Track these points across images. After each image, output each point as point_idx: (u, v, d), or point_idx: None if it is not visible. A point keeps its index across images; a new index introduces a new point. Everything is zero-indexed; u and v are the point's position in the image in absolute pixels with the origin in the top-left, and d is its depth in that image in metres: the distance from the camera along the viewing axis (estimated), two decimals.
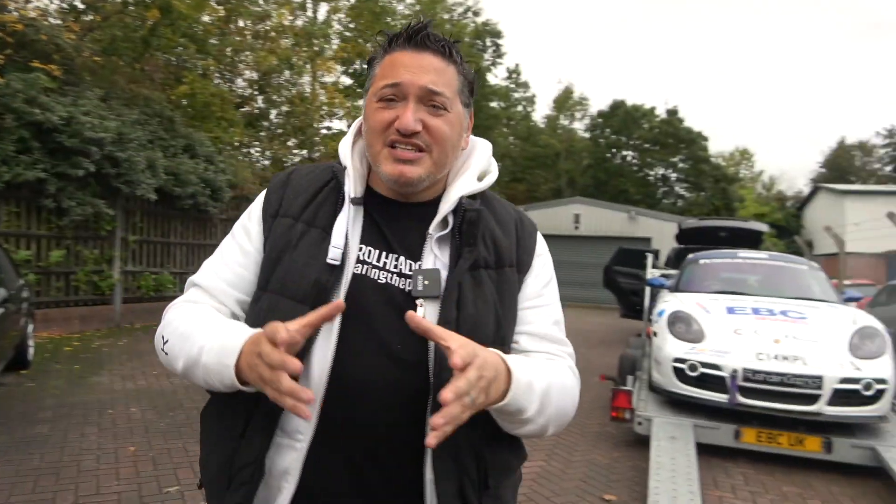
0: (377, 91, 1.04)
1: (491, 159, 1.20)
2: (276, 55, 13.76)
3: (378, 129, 1.03)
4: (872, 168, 54.14)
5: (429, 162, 1.03)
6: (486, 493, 1.06)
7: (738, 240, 9.99)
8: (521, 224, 1.17)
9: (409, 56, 1.03)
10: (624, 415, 5.00)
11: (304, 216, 1.09)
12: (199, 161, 11.02)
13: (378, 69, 1.07)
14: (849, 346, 4.82)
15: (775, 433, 4.69)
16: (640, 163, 33.91)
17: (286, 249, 1.06)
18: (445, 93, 1.03)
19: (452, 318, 1.01)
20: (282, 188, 1.14)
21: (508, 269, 1.11)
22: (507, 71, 29.82)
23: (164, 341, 1.07)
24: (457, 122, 1.07)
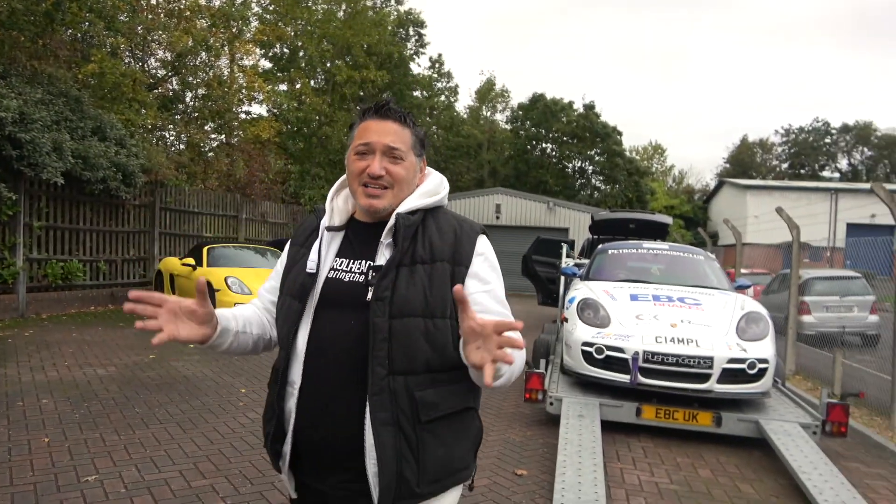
0: (355, 147, 1.52)
1: (441, 185, 1.62)
2: (192, 35, 13.30)
3: (355, 174, 1.51)
4: (772, 164, 57.85)
5: (390, 195, 1.50)
6: (420, 425, 1.42)
7: (645, 231, 10.60)
8: (460, 230, 1.55)
9: (376, 123, 1.51)
10: (537, 396, 5.30)
11: (305, 243, 1.62)
12: (110, 144, 10.56)
13: (355, 132, 1.54)
14: (736, 330, 5.31)
15: (672, 410, 5.12)
16: (559, 155, 34.86)
17: (293, 265, 1.60)
18: (402, 148, 1.50)
19: (386, 296, 1.42)
20: (301, 225, 1.71)
21: (440, 263, 1.48)
22: (430, 60, 29.93)
23: None
24: (411, 168, 1.54)
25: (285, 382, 1.49)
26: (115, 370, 6.46)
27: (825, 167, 55.50)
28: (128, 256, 11.97)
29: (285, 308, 1.54)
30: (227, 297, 8.97)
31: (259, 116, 18.00)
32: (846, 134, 54.27)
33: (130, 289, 9.78)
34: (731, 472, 4.51)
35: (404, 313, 1.41)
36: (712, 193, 44.60)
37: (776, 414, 5.16)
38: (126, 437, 4.44)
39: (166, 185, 12.71)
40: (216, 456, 4.20)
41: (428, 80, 26.02)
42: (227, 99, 14.96)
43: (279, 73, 19.76)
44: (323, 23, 18.39)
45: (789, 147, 56.51)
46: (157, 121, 13.17)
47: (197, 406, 5.34)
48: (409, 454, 1.40)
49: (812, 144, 54.87)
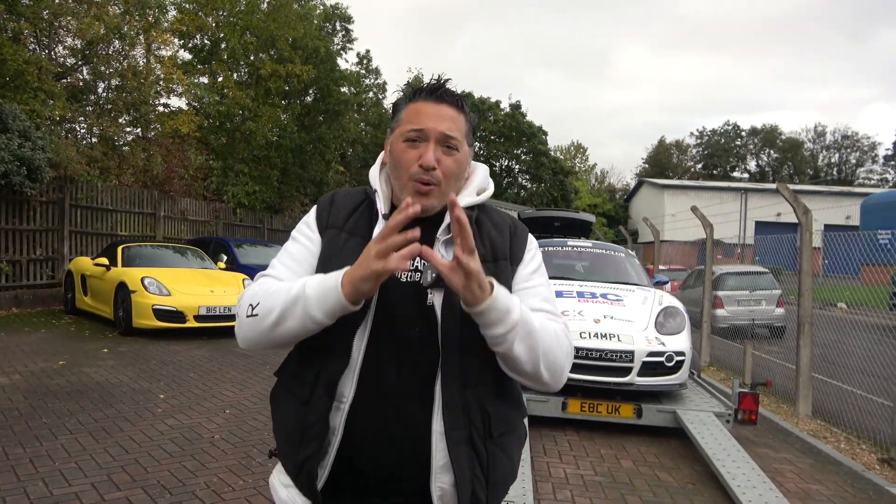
0: (404, 133, 1.34)
1: (488, 178, 1.49)
2: (104, 22, 12.61)
3: (406, 164, 1.32)
4: (687, 165, 60.61)
5: (438, 193, 1.32)
6: (491, 441, 1.30)
7: (570, 229, 10.88)
8: (514, 227, 1.46)
9: (431, 107, 1.34)
10: None
11: (346, 227, 1.39)
12: (13, 136, 9.87)
13: (403, 114, 1.36)
14: (655, 324, 5.52)
15: (596, 403, 5.27)
16: (487, 154, 35.28)
17: (335, 252, 1.35)
18: (458, 137, 1.34)
19: (455, 302, 1.24)
20: (329, 206, 1.45)
21: (502, 262, 1.38)
22: (358, 56, 29.55)
23: (254, 306, 1.28)
24: (463, 160, 1.37)
25: (332, 396, 1.27)
26: (20, 378, 6.05)
27: (735, 168, 58.68)
28: (34, 256, 11.24)
29: None
30: (144, 299, 8.58)
31: (178, 110, 17.26)
32: (754, 137, 57.57)
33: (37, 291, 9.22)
34: (651, 462, 4.69)
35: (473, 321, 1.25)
36: (632, 192, 46.32)
37: (692, 404, 5.40)
38: (32, 450, 4.17)
39: (77, 181, 12.01)
40: (132, 466, 4.00)
41: (356, 77, 25.65)
42: (142, 90, 14.25)
43: (200, 66, 19.01)
44: (246, 14, 17.83)
45: (703, 149, 59.40)
46: (65, 112, 12.41)
47: (111, 414, 5.08)
48: (481, 472, 1.28)
49: (724, 146, 57.86)
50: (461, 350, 1.26)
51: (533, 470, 4.32)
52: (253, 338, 1.30)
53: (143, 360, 7.24)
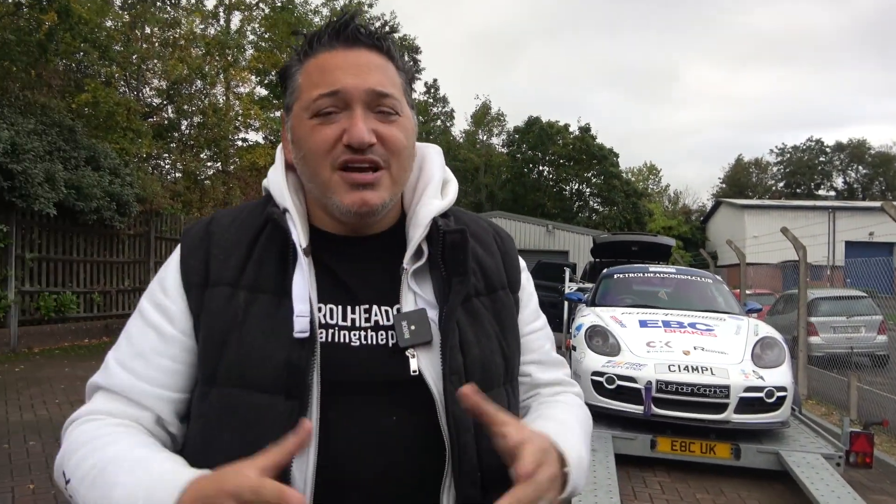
0: (308, 104, 0.85)
1: (444, 166, 1.00)
2: (187, 64, 13.26)
3: (321, 150, 0.84)
4: (767, 184, 58.11)
5: (388, 181, 0.87)
6: None
7: (648, 253, 10.47)
8: (499, 238, 1.02)
9: (342, 55, 0.86)
10: None
11: (243, 280, 0.87)
12: (104, 174, 10.41)
13: (302, 78, 0.88)
14: (752, 357, 5.12)
15: (688, 441, 4.91)
16: (556, 178, 34.95)
17: (232, 328, 0.84)
18: (394, 94, 0.87)
19: (458, 365, 0.84)
20: (202, 247, 0.90)
21: (501, 292, 0.96)
22: (426, 86, 30.13)
23: (67, 480, 0.81)
24: (410, 128, 0.90)
25: None
26: None
27: (821, 186, 55.76)
28: (123, 287, 11.76)
29: (244, 413, 0.81)
30: None
31: (255, 143, 17.93)
32: (840, 152, 54.62)
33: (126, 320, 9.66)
34: None
35: (486, 386, 0.83)
36: (710, 213, 44.70)
37: (797, 444, 4.95)
38: None
39: (162, 214, 12.56)
40: None
41: (424, 106, 26.09)
42: (222, 127, 14.88)
43: (275, 101, 19.76)
44: None
45: (784, 166, 56.83)
46: (151, 149, 13.07)
47: None
48: None
49: (807, 163, 55.17)
50: (478, 435, 0.82)
51: None
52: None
53: None
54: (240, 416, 0.79)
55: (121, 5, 14.23)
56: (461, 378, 0.83)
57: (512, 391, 0.94)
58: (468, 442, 0.82)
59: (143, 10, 13.74)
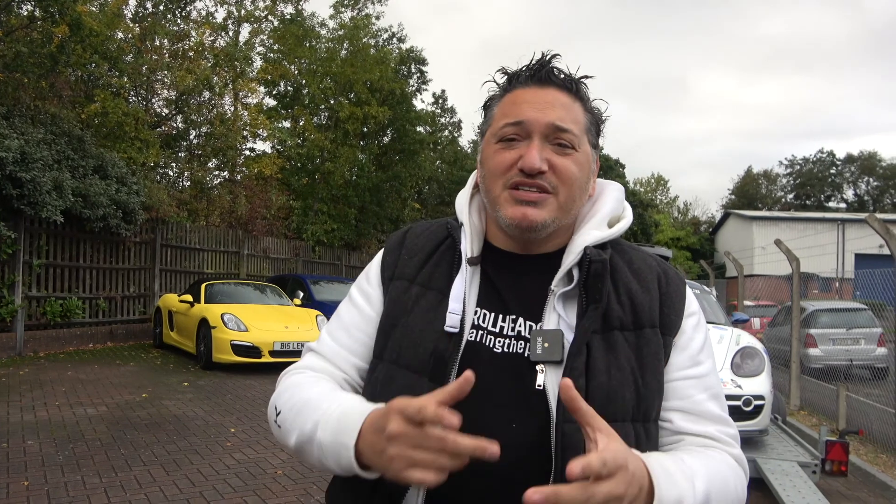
0: (497, 131, 0.98)
1: (624, 203, 1.08)
2: (195, 75, 13.53)
3: (499, 171, 0.96)
4: (777, 196, 57.87)
5: (554, 205, 0.95)
6: None
7: None
8: (665, 277, 1.02)
9: (533, 92, 0.98)
10: None
11: (419, 278, 1.02)
12: (111, 182, 10.67)
13: (497, 109, 1.01)
14: (731, 366, 5.21)
15: None
16: None
17: (402, 314, 0.99)
18: (573, 130, 0.96)
19: (580, 387, 0.87)
20: (397, 248, 1.08)
21: (650, 331, 0.96)
22: (434, 96, 30.30)
23: (277, 412, 0.97)
24: (585, 163, 0.98)
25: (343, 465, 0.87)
26: (106, 409, 6.40)
27: (831, 198, 55.45)
28: (128, 293, 11.99)
29: (396, 388, 0.92)
30: (224, 335, 8.94)
31: (262, 153, 18.19)
32: (851, 164, 54.33)
33: (130, 326, 9.80)
34: None
35: (607, 415, 0.81)
36: (718, 225, 44.58)
37: (774, 453, 5.02)
38: (108, 480, 4.36)
39: (167, 222, 12.79)
40: (197, 499, 4.11)
41: (431, 116, 26.32)
42: (230, 136, 15.14)
43: (283, 111, 20.04)
44: (326, 61, 18.70)
45: (794, 178, 56.60)
46: (159, 159, 13.33)
47: (183, 447, 5.26)
48: None
49: (817, 175, 54.93)
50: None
51: None
52: (279, 440, 0.99)
53: (219, 394, 7.50)
54: (394, 390, 0.90)
55: (132, 17, 14.57)
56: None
57: (644, 432, 0.93)
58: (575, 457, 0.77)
59: (154, 23, 14.06)
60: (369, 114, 18.77)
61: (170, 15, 15.01)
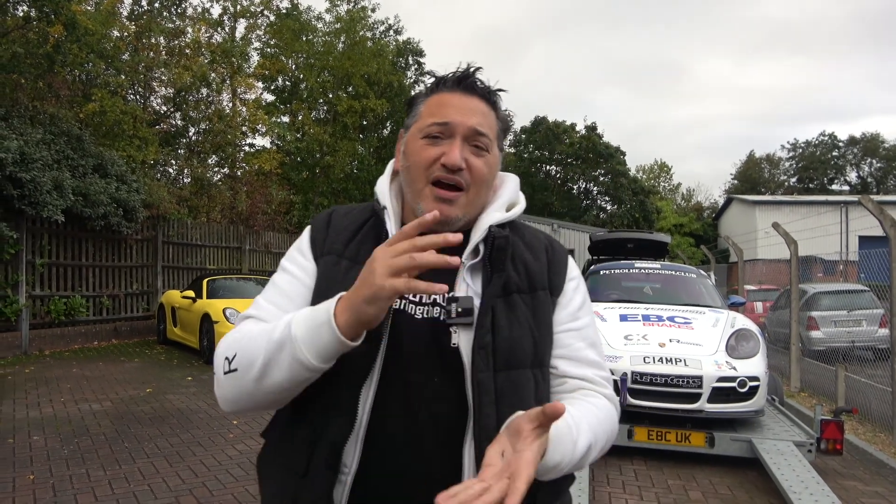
0: (423, 128, 1.11)
1: (518, 191, 1.26)
2: (192, 72, 13.55)
3: (423, 164, 1.10)
4: (780, 179, 57.63)
5: (464, 201, 1.10)
6: None
7: (644, 251, 10.55)
8: (551, 249, 1.22)
9: (458, 98, 1.12)
10: None
11: (347, 252, 1.14)
12: (111, 181, 10.73)
13: (423, 107, 1.14)
14: (726, 348, 5.25)
15: (664, 431, 5.05)
16: (563, 177, 35.01)
17: (333, 285, 1.07)
18: (489, 134, 1.12)
19: (488, 342, 1.04)
20: (325, 227, 1.19)
21: (541, 293, 1.14)
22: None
23: (230, 359, 1.03)
24: (494, 164, 1.15)
25: (334, 468, 1.02)
26: (111, 405, 6.48)
27: (834, 180, 55.22)
28: (131, 291, 12.07)
29: None
30: (225, 329, 9.00)
31: (262, 148, 18.24)
32: (854, 147, 54.04)
33: (134, 323, 9.88)
34: (723, 494, 4.43)
35: (511, 364, 1.05)
36: (721, 210, 44.45)
37: (770, 433, 5.07)
38: (112, 472, 4.44)
39: (168, 220, 12.85)
40: (199, 489, 4.18)
41: None
42: (228, 133, 15.17)
43: (281, 106, 20.08)
44: (323, 55, 18.71)
45: (797, 161, 56.34)
46: (158, 156, 13.37)
47: (186, 439, 5.34)
48: None
49: (820, 158, 54.65)
50: (498, 401, 1.02)
51: (591, 500, 4.18)
52: (234, 398, 1.04)
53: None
54: None
55: (127, 16, 14.59)
56: (488, 353, 1.04)
57: (541, 376, 1.11)
58: (488, 406, 1.01)
59: (149, 20, 14.08)
60: (368, 107, 18.80)
61: (165, 12, 15.03)
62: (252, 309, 1.15)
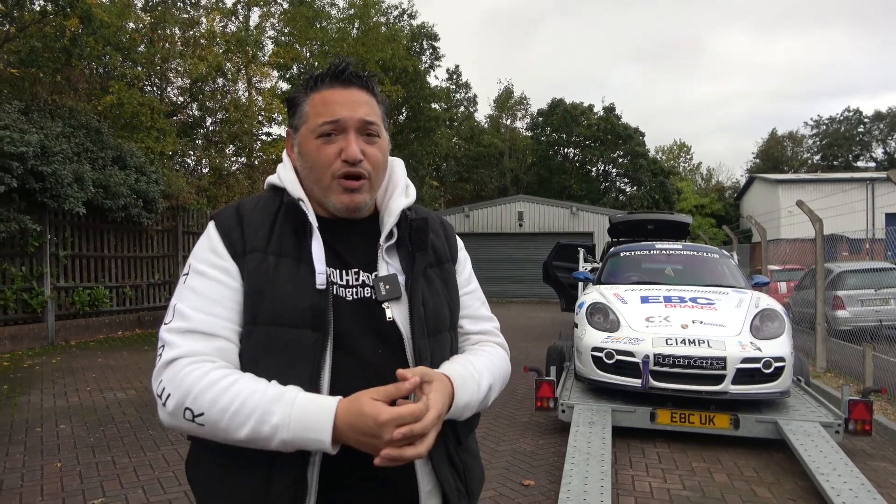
0: (315, 128, 1.16)
1: (405, 174, 1.35)
2: (206, 62, 13.58)
3: (325, 163, 1.16)
4: (803, 157, 56.56)
5: (368, 186, 1.19)
6: (461, 448, 1.24)
7: (665, 232, 10.42)
8: (444, 225, 1.37)
9: (340, 93, 1.17)
10: (548, 404, 5.22)
11: (270, 248, 1.15)
12: (130, 172, 10.82)
13: (308, 108, 1.18)
14: (750, 328, 5.16)
15: (688, 413, 4.99)
16: (582, 159, 34.65)
17: (266, 282, 1.11)
18: (377, 121, 1.20)
19: (421, 314, 1.18)
20: (238, 225, 1.17)
21: (447, 265, 1.30)
22: (447, 72, 30.12)
23: (194, 413, 1.04)
24: (386, 147, 1.23)
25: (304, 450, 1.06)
26: (135, 393, 6.56)
27: (860, 157, 54.06)
28: (153, 281, 12.21)
29: (283, 345, 1.09)
30: None
31: (279, 137, 18.26)
32: (880, 122, 52.80)
33: (157, 313, 9.96)
34: (749, 476, 4.37)
35: (437, 330, 1.21)
36: (743, 190, 43.76)
37: (797, 414, 4.99)
38: (137, 460, 4.50)
39: (188, 210, 12.95)
40: None
41: (446, 92, 26.14)
42: (245, 122, 15.21)
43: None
44: (337, 41, 18.63)
45: (820, 138, 55.22)
46: (176, 147, 13.45)
47: None
48: (461, 483, 1.21)
49: (844, 134, 53.50)
50: (432, 362, 1.17)
51: (616, 483, 4.15)
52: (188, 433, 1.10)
53: None
54: (280, 346, 1.09)
55: (142, 7, 14.64)
56: (422, 323, 1.17)
57: (454, 336, 1.29)
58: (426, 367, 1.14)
59: (164, 11, 14.10)
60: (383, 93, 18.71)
61: (179, 2, 15.05)
62: (181, 321, 1.11)
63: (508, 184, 34.71)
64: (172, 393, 1.05)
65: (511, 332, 2.38)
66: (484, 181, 34.12)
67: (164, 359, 1.09)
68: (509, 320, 14.19)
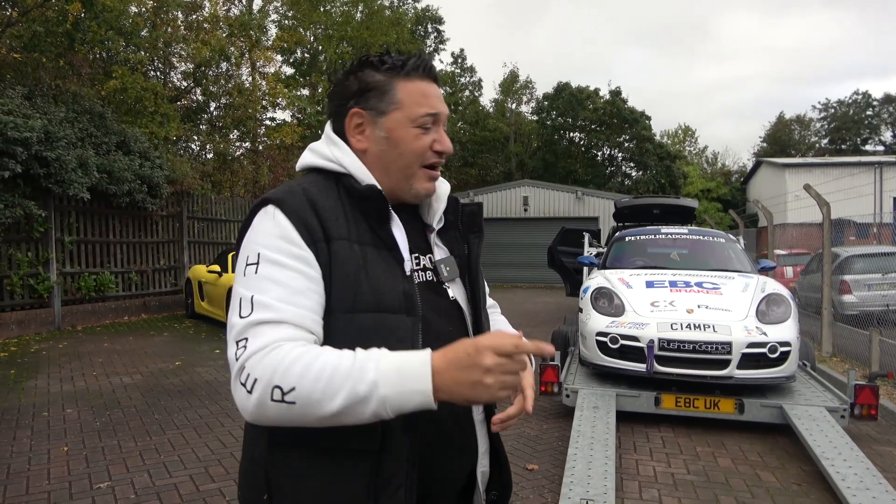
0: (416, 118, 1.19)
1: None
2: (209, 46, 13.50)
3: (420, 152, 1.20)
4: (811, 141, 56.09)
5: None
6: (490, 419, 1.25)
7: (671, 216, 10.36)
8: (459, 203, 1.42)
9: (433, 87, 1.23)
10: (552, 388, 5.22)
11: (352, 236, 1.13)
12: (135, 157, 10.80)
13: (403, 95, 1.18)
14: (756, 313, 5.13)
15: (692, 398, 4.97)
16: (588, 143, 34.42)
17: (359, 270, 1.10)
18: None
19: (477, 290, 1.29)
20: (311, 212, 1.12)
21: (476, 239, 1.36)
22: (452, 56, 29.88)
23: (284, 390, 0.98)
24: None
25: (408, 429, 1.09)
26: (141, 378, 6.60)
27: (868, 141, 53.57)
28: (158, 266, 12.24)
29: (387, 329, 1.10)
30: None
31: (283, 122, 18.21)
32: (889, 105, 52.24)
33: (162, 298, 10.01)
34: (753, 461, 4.36)
35: (483, 303, 1.34)
36: (750, 174, 43.45)
37: (802, 398, 4.97)
38: (142, 444, 4.52)
39: (192, 195, 12.94)
40: (228, 459, 4.24)
41: (451, 76, 25.94)
42: (249, 107, 15.15)
43: (300, 78, 19.96)
44: (341, 25, 18.50)
45: (828, 122, 54.71)
46: (180, 132, 13.42)
47: (215, 410, 5.41)
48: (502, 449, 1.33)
49: (853, 118, 52.99)
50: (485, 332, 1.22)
51: (619, 467, 4.15)
52: (272, 420, 1.01)
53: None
54: (383, 331, 1.09)
55: None
56: (478, 298, 1.28)
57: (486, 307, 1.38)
58: None
59: None
60: None
61: None
62: (265, 312, 1.04)
63: (513, 168, 34.56)
64: (259, 377, 0.98)
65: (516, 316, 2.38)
66: (489, 166, 33.95)
67: (249, 350, 1.01)
68: (514, 305, 14.19)
